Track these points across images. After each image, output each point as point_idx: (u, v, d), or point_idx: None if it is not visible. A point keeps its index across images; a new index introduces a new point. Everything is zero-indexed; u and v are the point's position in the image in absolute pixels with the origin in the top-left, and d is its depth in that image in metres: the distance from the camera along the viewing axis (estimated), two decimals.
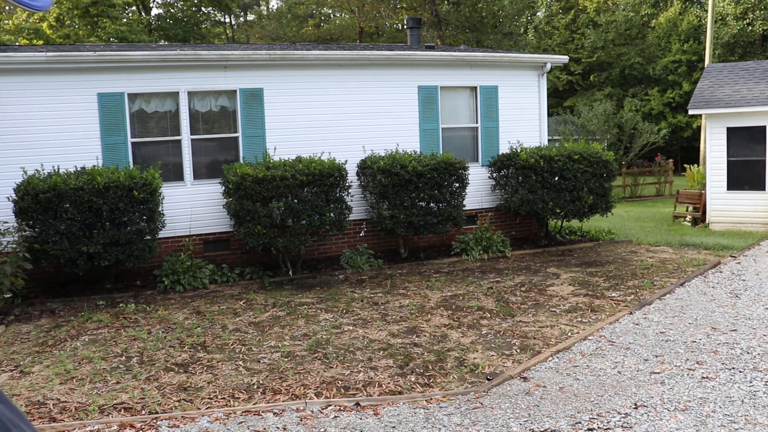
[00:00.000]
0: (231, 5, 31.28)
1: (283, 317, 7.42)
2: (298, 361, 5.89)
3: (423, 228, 10.06)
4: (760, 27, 33.50)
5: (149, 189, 8.42)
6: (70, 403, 5.04)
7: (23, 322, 7.57)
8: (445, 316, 7.23)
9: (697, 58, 34.35)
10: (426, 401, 4.92)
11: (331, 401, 4.94)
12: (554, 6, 40.98)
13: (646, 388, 5.00)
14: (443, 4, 34.22)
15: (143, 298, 8.46)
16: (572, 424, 4.41)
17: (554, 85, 37.52)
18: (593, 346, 6.08)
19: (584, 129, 25.74)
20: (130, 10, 28.87)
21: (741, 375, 5.21)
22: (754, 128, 13.38)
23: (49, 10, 1.51)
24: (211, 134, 10.09)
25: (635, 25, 37.36)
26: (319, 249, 10.59)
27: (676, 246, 11.58)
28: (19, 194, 8.05)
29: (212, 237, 9.98)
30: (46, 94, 9.03)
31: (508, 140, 11.69)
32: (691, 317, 6.94)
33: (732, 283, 8.56)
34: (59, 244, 8.02)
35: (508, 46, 33.58)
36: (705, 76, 15.15)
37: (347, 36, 36.15)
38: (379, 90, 10.94)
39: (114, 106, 9.37)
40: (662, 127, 29.29)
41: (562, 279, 9.02)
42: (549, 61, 12.28)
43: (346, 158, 9.98)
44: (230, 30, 43.53)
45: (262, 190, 8.83)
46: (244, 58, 10.02)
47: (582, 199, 10.73)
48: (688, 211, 15.19)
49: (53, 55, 9.01)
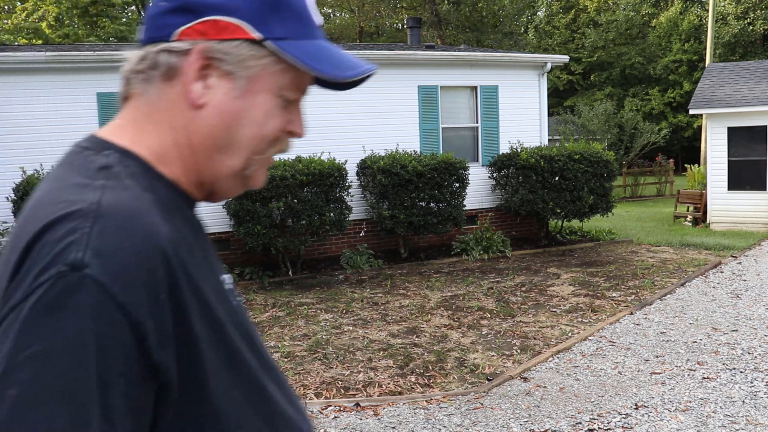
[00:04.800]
0: None
1: (282, 317, 7.40)
2: (298, 361, 5.88)
3: (423, 228, 10.05)
4: (761, 26, 33.49)
5: None
6: None
7: None
8: (445, 317, 7.21)
9: (698, 57, 34.33)
10: (426, 401, 4.90)
11: (331, 401, 4.93)
12: (554, 5, 40.96)
13: (646, 389, 4.98)
14: (443, 3, 34.22)
15: None
16: (573, 424, 4.40)
17: (555, 85, 37.49)
18: (594, 347, 6.06)
19: (585, 129, 25.72)
20: (129, 10, 28.88)
21: (742, 375, 5.19)
22: (755, 128, 13.36)
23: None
24: None
25: (636, 24, 37.35)
26: (319, 249, 10.58)
27: (677, 246, 11.56)
28: (19, 194, 8.05)
29: (212, 237, 9.94)
30: (45, 94, 9.01)
31: (508, 140, 11.67)
32: (692, 317, 6.93)
33: (733, 284, 8.54)
34: None
35: (509, 46, 33.59)
36: (706, 76, 15.13)
37: (347, 36, 36.14)
38: (379, 90, 10.91)
39: (113, 106, 9.31)
40: (663, 127, 29.27)
41: (562, 279, 9.00)
42: (549, 60, 12.27)
43: (346, 158, 9.96)
44: None
45: (261, 189, 8.82)
46: None
47: (582, 199, 10.72)
48: (688, 211, 15.17)
49: (52, 55, 8.99)
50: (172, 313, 0.71)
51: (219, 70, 0.82)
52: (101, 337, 0.65)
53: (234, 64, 0.81)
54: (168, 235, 0.73)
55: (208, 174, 0.86)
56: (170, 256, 0.72)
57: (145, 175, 0.81)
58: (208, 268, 0.83)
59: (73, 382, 0.63)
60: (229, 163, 0.85)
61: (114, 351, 0.65)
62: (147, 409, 0.70)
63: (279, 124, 0.86)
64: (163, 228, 0.73)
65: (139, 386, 0.68)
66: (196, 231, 0.86)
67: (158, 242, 0.71)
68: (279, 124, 0.86)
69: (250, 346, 0.84)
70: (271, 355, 0.91)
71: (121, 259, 0.67)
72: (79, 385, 0.63)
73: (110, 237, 0.68)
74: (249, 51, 0.81)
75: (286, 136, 0.89)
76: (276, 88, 0.84)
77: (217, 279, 0.85)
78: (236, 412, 0.78)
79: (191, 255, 0.77)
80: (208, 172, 0.86)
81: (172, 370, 0.71)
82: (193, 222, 0.87)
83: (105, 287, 0.66)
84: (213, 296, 0.78)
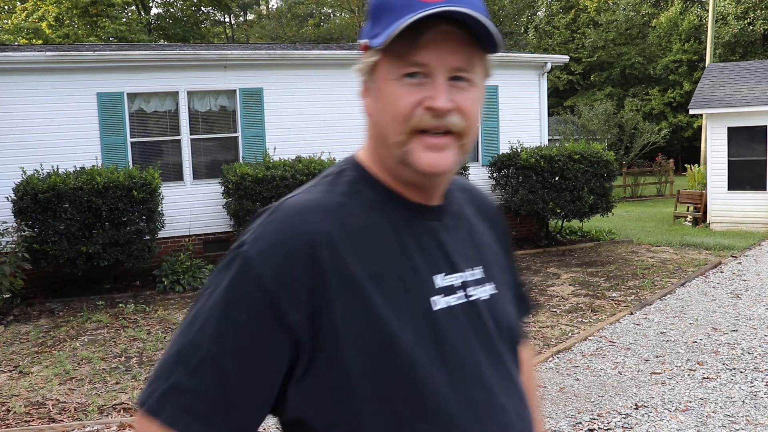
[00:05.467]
0: (231, 5, 31.28)
1: None
2: None
3: None
4: (761, 26, 33.48)
5: (149, 189, 8.40)
6: (69, 403, 5.03)
7: (22, 322, 7.55)
8: None
9: (698, 57, 34.32)
10: None
11: None
12: (554, 5, 40.95)
13: (646, 389, 4.98)
14: None
15: (143, 299, 8.45)
16: (573, 424, 4.40)
17: (555, 85, 37.47)
18: (594, 347, 6.06)
19: (585, 129, 25.72)
20: (129, 10, 28.87)
21: (742, 375, 5.19)
22: (755, 128, 13.36)
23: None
24: (210, 134, 10.08)
25: (636, 24, 37.34)
26: None
27: (677, 246, 11.56)
28: (18, 194, 8.04)
29: (212, 237, 9.97)
30: (45, 94, 9.01)
31: (508, 140, 11.67)
32: (692, 317, 6.93)
33: (733, 284, 8.54)
34: (58, 244, 8.00)
35: (509, 46, 33.57)
36: (706, 76, 15.13)
37: (347, 36, 36.13)
38: None
39: (113, 106, 9.35)
40: (663, 127, 29.27)
41: (562, 279, 9.00)
42: (549, 60, 12.26)
43: None
44: (230, 30, 43.52)
45: (261, 190, 8.82)
46: (244, 57, 10.00)
47: (582, 199, 10.71)
48: (688, 211, 15.17)
49: (52, 55, 8.99)
50: (309, 287, 0.89)
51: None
52: (237, 292, 0.90)
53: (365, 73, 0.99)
54: (321, 229, 0.92)
55: (387, 167, 1.00)
56: (318, 244, 0.90)
57: (359, 180, 1.00)
58: (395, 261, 0.95)
59: (210, 313, 0.91)
60: (387, 152, 0.97)
61: (241, 303, 0.89)
62: (271, 353, 0.90)
63: (407, 99, 0.92)
64: (318, 223, 0.92)
65: (264, 333, 0.89)
66: (400, 228, 0.98)
67: (306, 233, 0.91)
68: (407, 99, 0.92)
69: (436, 341, 0.94)
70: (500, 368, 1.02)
71: (267, 242, 0.91)
72: (212, 317, 0.90)
73: (268, 226, 0.93)
74: (369, 58, 0.96)
75: (419, 109, 0.93)
76: (393, 74, 0.93)
77: (406, 270, 0.96)
78: (369, 385, 0.90)
79: (357, 246, 0.93)
80: (386, 165, 1.00)
81: (304, 330, 0.89)
82: (398, 219, 0.99)
83: (250, 261, 0.90)
84: (374, 282, 0.92)
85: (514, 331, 1.10)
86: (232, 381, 0.88)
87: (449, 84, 0.92)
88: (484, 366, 0.99)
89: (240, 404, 0.89)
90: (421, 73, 0.92)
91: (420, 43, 0.91)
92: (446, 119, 0.92)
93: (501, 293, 1.08)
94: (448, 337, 0.96)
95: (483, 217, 1.16)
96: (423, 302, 0.96)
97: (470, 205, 1.14)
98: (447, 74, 0.92)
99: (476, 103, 0.96)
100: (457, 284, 1.01)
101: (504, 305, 1.08)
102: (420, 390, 0.92)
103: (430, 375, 0.92)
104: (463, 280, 1.02)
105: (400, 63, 0.92)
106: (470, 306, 1.01)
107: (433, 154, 0.93)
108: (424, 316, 0.95)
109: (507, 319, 1.08)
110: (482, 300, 1.03)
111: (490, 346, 1.01)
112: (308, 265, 0.89)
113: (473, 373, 0.97)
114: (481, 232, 1.12)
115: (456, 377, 0.95)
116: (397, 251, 0.96)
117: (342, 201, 0.96)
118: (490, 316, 1.03)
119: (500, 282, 1.10)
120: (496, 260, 1.12)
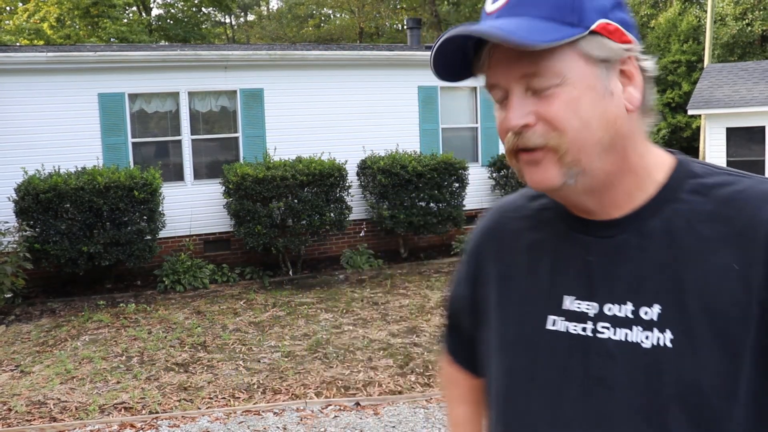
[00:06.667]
0: (231, 5, 31.29)
1: (283, 317, 7.43)
2: (298, 360, 5.91)
3: (423, 228, 10.08)
4: (760, 27, 33.55)
5: (149, 189, 8.43)
6: (70, 402, 5.05)
7: (24, 321, 7.58)
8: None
9: (697, 58, 34.36)
10: (426, 401, 4.93)
11: (331, 401, 4.96)
12: None
13: None
14: (443, 4, 34.28)
15: (143, 298, 8.48)
16: None
17: None
18: None
19: None
20: (130, 11, 28.90)
21: None
22: (754, 128, 13.40)
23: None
24: (211, 134, 10.11)
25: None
26: (319, 249, 10.60)
27: None
28: (20, 194, 8.07)
29: (212, 237, 9.99)
30: (46, 94, 9.04)
31: None
32: None
33: None
34: (60, 244, 8.03)
35: None
36: (704, 77, 15.17)
37: (347, 36, 36.17)
38: (379, 90, 10.95)
39: (114, 106, 9.38)
40: (662, 128, 29.32)
41: None
42: None
43: (346, 158, 9.99)
44: (230, 30, 43.56)
45: (262, 190, 8.85)
46: (245, 58, 10.03)
47: None
48: None
49: (54, 56, 9.02)
50: (473, 266, 1.10)
51: None
52: (465, 253, 1.15)
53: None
54: (481, 228, 1.12)
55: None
56: (478, 238, 1.11)
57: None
58: (529, 270, 0.99)
59: (460, 267, 1.16)
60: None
61: (462, 262, 1.15)
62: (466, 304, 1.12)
63: (498, 123, 0.92)
64: (482, 223, 1.12)
65: (460, 285, 1.15)
66: (555, 238, 0.98)
67: (478, 228, 1.13)
68: (498, 123, 0.92)
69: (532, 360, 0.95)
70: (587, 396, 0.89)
71: (475, 229, 1.14)
72: (459, 271, 1.16)
73: (481, 218, 1.14)
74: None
75: (507, 132, 0.89)
76: (489, 98, 0.95)
77: (534, 281, 0.98)
78: (489, 353, 1.04)
79: (497, 248, 1.06)
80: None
81: (475, 298, 1.08)
82: (559, 230, 0.98)
83: (470, 238, 1.14)
84: (500, 281, 1.03)
85: (702, 395, 0.81)
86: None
87: (537, 97, 0.85)
88: (566, 406, 0.89)
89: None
90: (501, 94, 0.88)
91: (484, 66, 0.88)
92: (523, 136, 0.86)
93: (692, 346, 0.82)
94: (547, 360, 0.92)
95: (736, 242, 0.83)
96: (536, 317, 0.94)
97: (715, 224, 0.85)
98: (521, 87, 0.85)
99: (570, 104, 0.83)
100: (591, 313, 0.89)
101: (685, 363, 0.82)
102: (503, 396, 0.99)
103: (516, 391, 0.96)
104: (597, 312, 0.89)
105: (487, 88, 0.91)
106: (594, 342, 0.88)
107: (533, 170, 0.88)
108: (532, 331, 0.94)
109: (685, 380, 0.82)
110: (621, 342, 0.86)
111: (601, 394, 0.87)
112: (474, 250, 1.11)
113: (547, 404, 0.91)
114: (703, 261, 0.84)
115: (533, 399, 0.93)
116: (535, 261, 0.98)
117: (522, 204, 1.07)
118: (640, 366, 0.84)
119: (703, 331, 0.82)
120: (714, 302, 0.82)
